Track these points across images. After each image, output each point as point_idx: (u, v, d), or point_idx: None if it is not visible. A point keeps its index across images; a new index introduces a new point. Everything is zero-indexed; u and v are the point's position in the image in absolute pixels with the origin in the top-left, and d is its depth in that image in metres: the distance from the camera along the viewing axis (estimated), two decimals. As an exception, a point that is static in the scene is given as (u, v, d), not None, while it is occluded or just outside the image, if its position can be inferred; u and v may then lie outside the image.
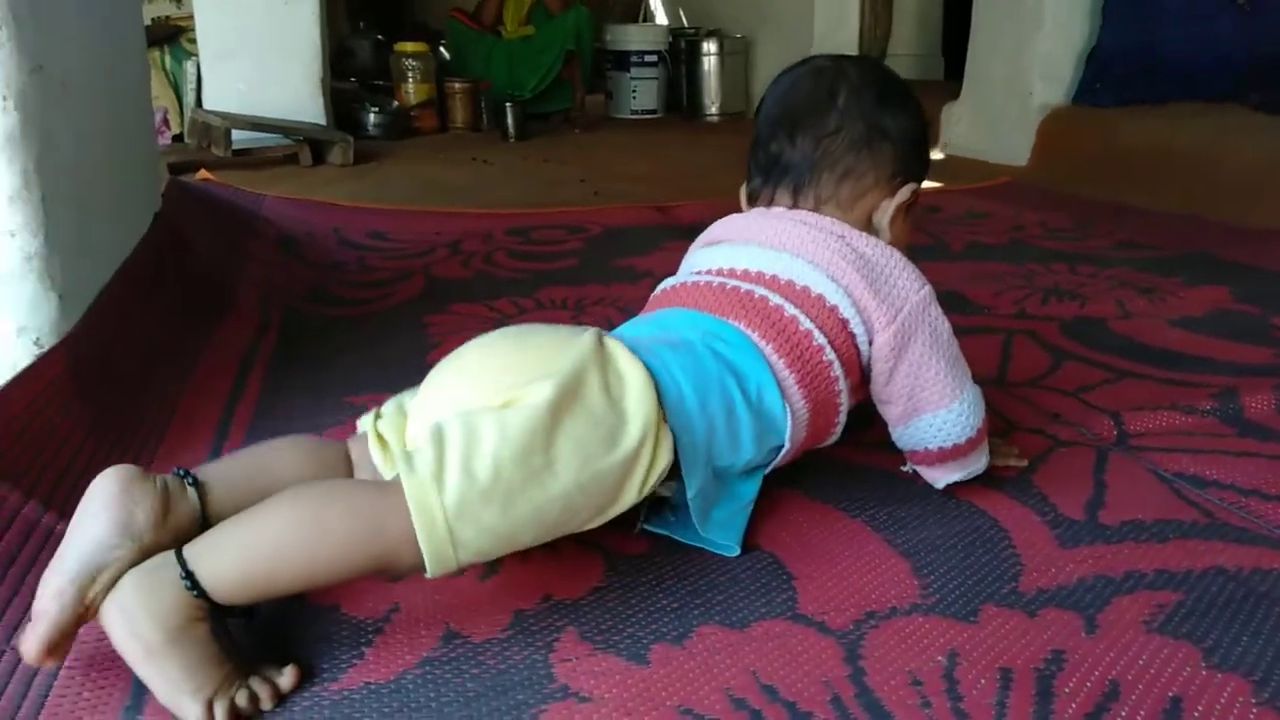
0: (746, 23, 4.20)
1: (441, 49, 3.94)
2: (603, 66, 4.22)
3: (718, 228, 0.90)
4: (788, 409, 0.78)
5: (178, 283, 1.16)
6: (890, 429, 0.87)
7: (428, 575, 0.63)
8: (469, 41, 3.82)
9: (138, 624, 0.58)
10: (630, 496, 0.69)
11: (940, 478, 0.86)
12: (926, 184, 0.91)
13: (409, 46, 3.60)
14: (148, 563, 0.60)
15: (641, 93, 4.18)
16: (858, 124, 0.86)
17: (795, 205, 0.87)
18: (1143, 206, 2.17)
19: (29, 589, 0.70)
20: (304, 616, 0.70)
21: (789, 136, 0.87)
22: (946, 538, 0.82)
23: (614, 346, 0.72)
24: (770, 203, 0.89)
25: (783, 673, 0.65)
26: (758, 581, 0.75)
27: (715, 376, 0.75)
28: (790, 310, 0.80)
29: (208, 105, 2.98)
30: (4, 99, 0.76)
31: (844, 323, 0.81)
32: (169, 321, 1.07)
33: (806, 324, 0.79)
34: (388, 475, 0.72)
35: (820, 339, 0.79)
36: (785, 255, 0.83)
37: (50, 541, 0.75)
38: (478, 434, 0.64)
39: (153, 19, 3.60)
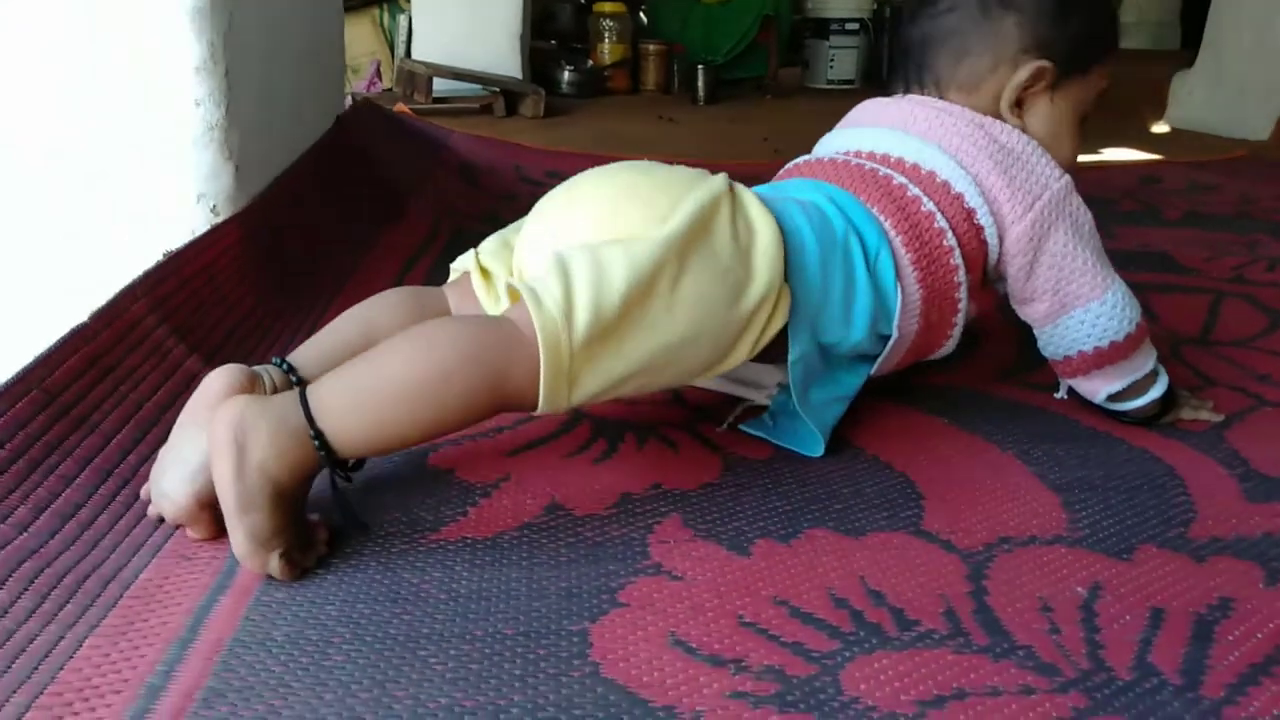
0: (959, -10, 3.97)
1: (641, 13, 3.96)
2: (801, 34, 4.11)
3: (854, 112, 0.85)
4: (899, 289, 0.72)
5: (352, 184, 1.21)
6: (1037, 335, 0.80)
7: (537, 412, 0.60)
8: (667, 5, 3.82)
9: (252, 474, 0.55)
10: (742, 353, 0.65)
11: (1101, 388, 0.78)
12: (1140, 155, 0.82)
13: (606, 7, 3.64)
14: (274, 409, 0.56)
15: (840, 61, 4.04)
16: None
17: (922, 94, 0.81)
18: None
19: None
20: (421, 476, 0.71)
21: (911, 18, 0.81)
22: (1108, 479, 0.73)
23: (745, 194, 0.67)
24: (904, 94, 0.82)
25: (894, 580, 0.59)
26: (883, 496, 0.70)
27: (840, 236, 0.70)
28: (913, 191, 0.74)
29: (415, 57, 3.14)
30: (195, -28, 0.82)
31: (970, 213, 0.74)
32: (340, 216, 1.13)
33: (929, 206, 0.73)
34: (491, 309, 0.71)
35: (942, 222, 0.73)
36: (915, 139, 0.77)
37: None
38: (605, 269, 0.59)
39: (377, -19, 3.83)
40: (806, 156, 0.84)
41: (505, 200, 1.73)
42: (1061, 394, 0.84)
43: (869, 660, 0.52)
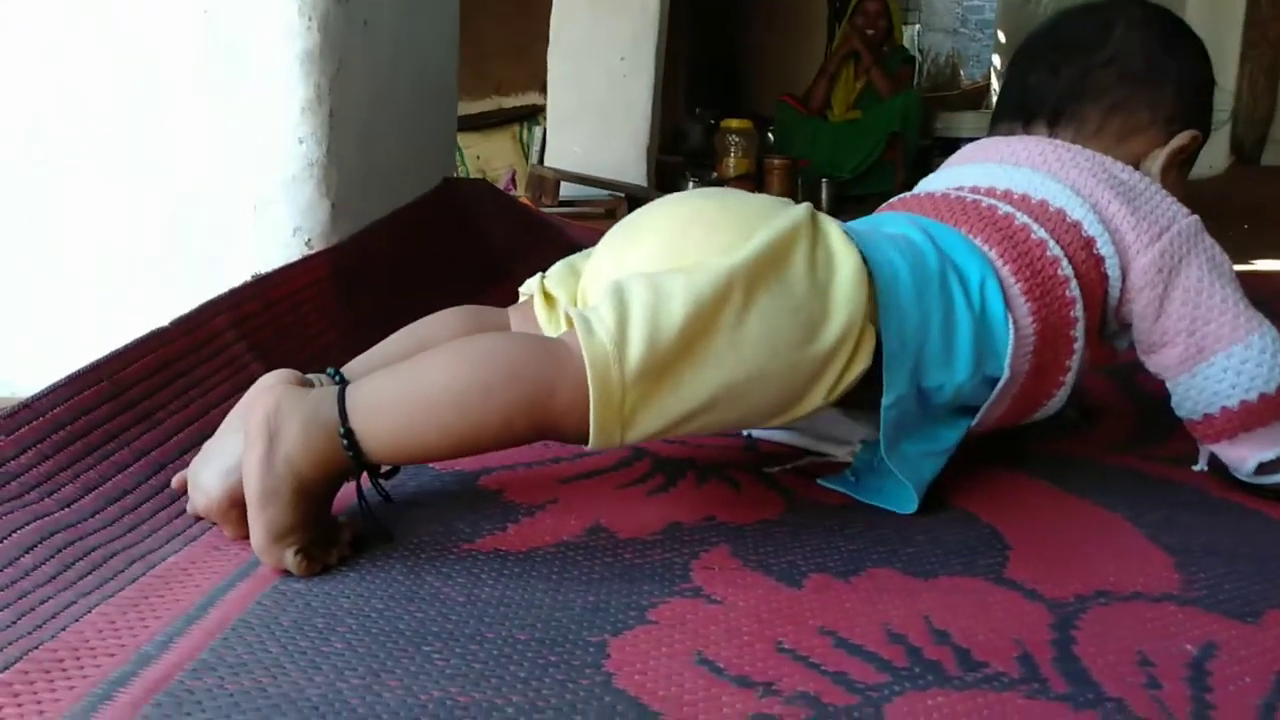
0: (1096, 111, 3.90)
1: (769, 133, 4.06)
2: (930, 155, 4.11)
3: (957, 155, 0.81)
4: (1010, 321, 0.65)
5: (453, 243, 1.25)
6: (1171, 390, 0.70)
7: (589, 447, 0.56)
8: (795, 124, 3.90)
9: (279, 464, 0.53)
10: (817, 399, 0.59)
11: (1249, 456, 0.67)
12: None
13: (733, 123, 3.74)
14: (309, 402, 0.55)
15: (969, 180, 4.01)
16: (1136, 57, 0.75)
17: (1050, 135, 0.76)
18: None
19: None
20: (468, 493, 0.69)
21: (1051, 67, 0.77)
22: (1236, 545, 0.63)
23: (828, 223, 0.62)
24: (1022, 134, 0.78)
25: (963, 622, 0.52)
26: (964, 545, 0.62)
27: (936, 269, 0.64)
28: (1021, 219, 0.68)
29: (548, 164, 3.29)
30: (309, 19, 0.87)
31: (1089, 242, 0.68)
32: (436, 268, 1.15)
33: (1040, 233, 0.67)
34: (551, 334, 0.68)
35: (1056, 251, 0.67)
36: (1024, 170, 0.72)
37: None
38: (664, 298, 0.55)
39: (521, 104, 4.09)
40: (918, 189, 0.80)
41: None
42: (1201, 465, 0.73)
43: (921, 696, 0.45)
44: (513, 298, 0.70)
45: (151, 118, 0.89)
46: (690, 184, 3.58)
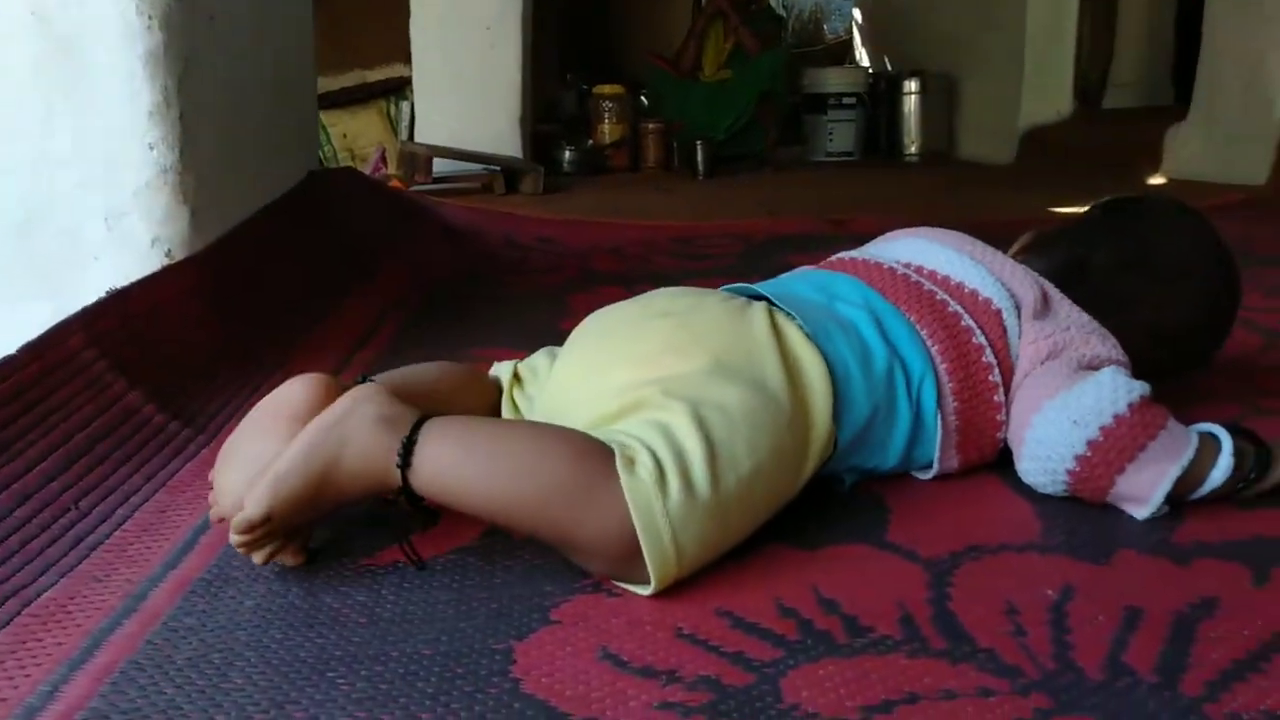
0: (952, 60, 4.04)
1: (642, 96, 4.05)
2: (799, 110, 4.19)
3: (933, 230, 0.81)
4: (939, 417, 0.68)
5: (320, 240, 1.21)
6: (1019, 465, 0.68)
7: (650, 591, 0.55)
8: (667, 86, 3.91)
9: (332, 438, 0.56)
10: (801, 483, 0.63)
11: (1154, 481, 0.62)
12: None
13: (606, 89, 3.72)
14: (390, 404, 0.58)
15: (838, 135, 4.10)
16: (1181, 316, 0.78)
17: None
18: None
19: (110, 464, 0.72)
20: (362, 509, 0.68)
21: (1121, 266, 0.78)
22: (1090, 489, 0.68)
23: (787, 328, 0.65)
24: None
25: (849, 589, 0.55)
26: (846, 509, 0.66)
27: (884, 369, 0.67)
28: (967, 321, 0.70)
29: (418, 140, 3.21)
30: (149, 18, 0.83)
31: (997, 314, 0.70)
32: (310, 268, 1.12)
33: (980, 338, 0.69)
34: (508, 409, 0.73)
35: (989, 357, 0.69)
36: (967, 260, 0.74)
37: (145, 428, 0.77)
38: (683, 447, 0.56)
39: (386, 77, 3.96)
40: (858, 253, 0.80)
41: (486, 259, 1.73)
42: (1144, 513, 0.64)
43: (813, 668, 0.48)
44: (384, 293, 0.70)
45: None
46: (566, 152, 3.56)
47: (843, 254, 0.82)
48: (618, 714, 0.45)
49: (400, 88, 3.88)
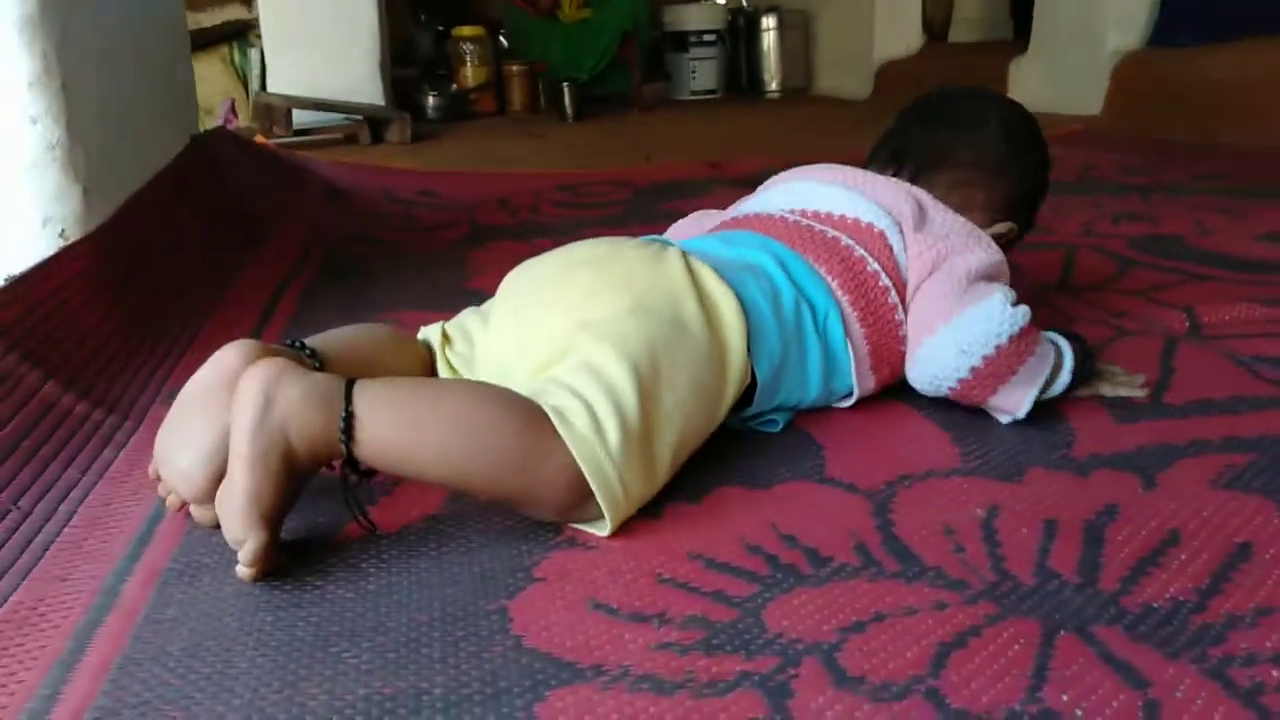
0: (806, -3, 4.13)
1: (500, 36, 3.96)
2: (661, 49, 4.20)
3: (787, 172, 0.88)
4: (849, 346, 0.74)
5: (212, 206, 1.16)
6: (908, 373, 0.76)
7: (606, 532, 0.59)
8: (526, 26, 3.84)
9: (273, 427, 0.55)
10: (722, 413, 0.68)
11: (1008, 402, 0.72)
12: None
13: (466, 31, 3.63)
14: (312, 377, 0.57)
15: (701, 73, 4.14)
16: (996, 149, 0.86)
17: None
18: (1229, 144, 2.04)
19: (40, 460, 0.70)
20: (315, 484, 0.68)
21: (931, 130, 0.88)
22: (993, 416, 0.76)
23: (701, 270, 0.70)
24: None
25: (803, 524, 0.60)
26: (783, 452, 0.71)
27: (792, 307, 0.72)
28: (859, 251, 0.76)
29: (271, 90, 3.05)
30: (22, -18, 0.77)
31: (882, 235, 0.76)
32: (204, 238, 1.08)
33: (874, 265, 0.76)
34: (444, 369, 0.74)
35: (885, 280, 0.75)
36: (845, 191, 0.81)
37: (69, 419, 0.75)
38: (614, 385, 0.60)
39: (222, 21, 3.71)
40: (751, 209, 0.85)
41: (375, 219, 1.69)
42: (1008, 417, 0.74)
43: (788, 599, 0.53)
44: (282, 256, 0.70)
45: None
46: (430, 98, 3.46)
47: (735, 212, 0.87)
48: (620, 658, 0.48)
49: (242, 32, 3.66)
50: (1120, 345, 0.90)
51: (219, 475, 0.58)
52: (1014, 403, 0.72)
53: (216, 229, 1.14)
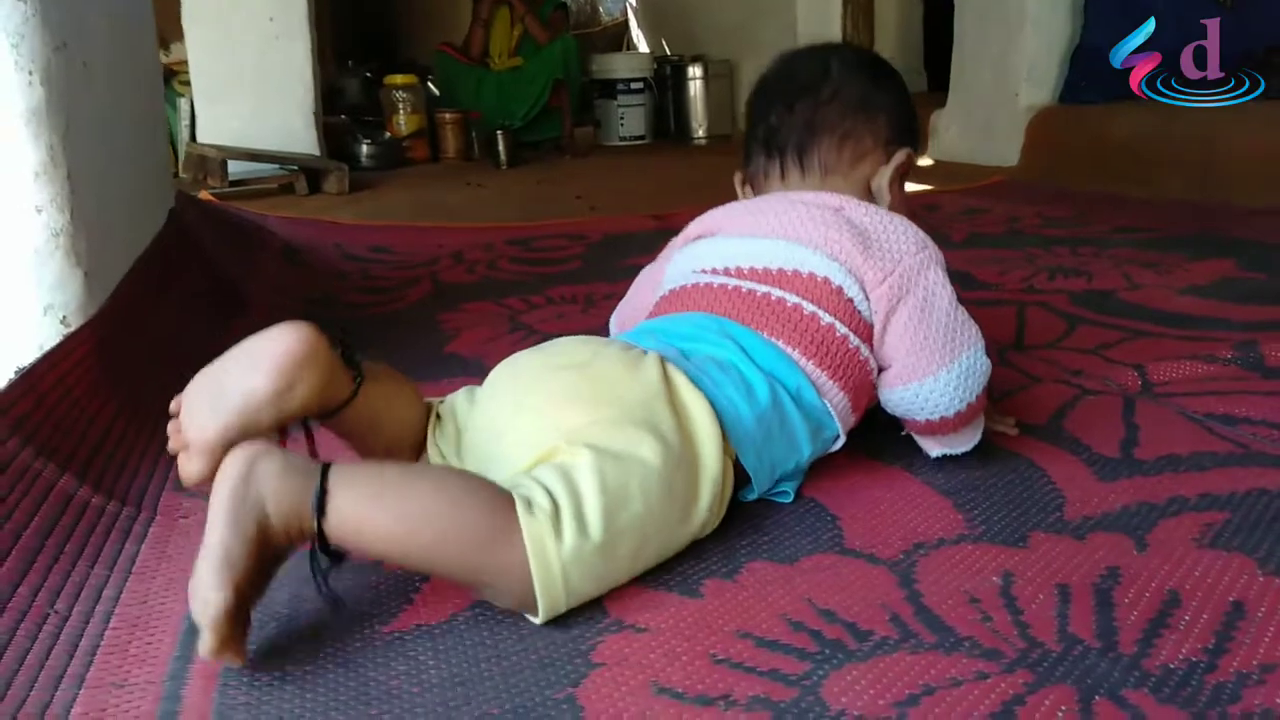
0: (729, 47, 4.27)
1: (430, 83, 3.98)
2: (590, 96, 4.27)
3: (713, 217, 0.88)
4: (827, 404, 0.78)
5: (193, 281, 1.15)
6: (879, 392, 0.82)
7: (538, 621, 0.62)
8: (457, 74, 3.86)
9: (252, 498, 0.57)
10: (696, 521, 0.69)
11: (931, 448, 0.84)
12: (918, 186, 0.92)
13: (398, 79, 3.64)
14: (290, 456, 0.60)
15: (629, 119, 4.23)
16: (852, 91, 0.88)
17: (803, 174, 0.88)
18: (1139, 196, 2.20)
19: (67, 558, 0.69)
20: (351, 570, 0.69)
21: (788, 106, 0.89)
22: (985, 477, 0.81)
23: (675, 375, 0.72)
24: (782, 177, 0.89)
25: (838, 598, 0.64)
26: (802, 523, 0.75)
27: (768, 397, 0.74)
28: (809, 308, 0.78)
29: (201, 140, 3.00)
30: (30, 74, 0.77)
31: (840, 291, 0.78)
32: (188, 312, 1.07)
33: (827, 319, 0.78)
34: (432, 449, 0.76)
35: (842, 329, 0.78)
36: (782, 243, 0.81)
37: (87, 513, 0.74)
38: (580, 493, 0.63)
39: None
40: (683, 278, 0.85)
41: (336, 278, 1.69)
42: (905, 433, 0.86)
43: (841, 674, 0.56)
44: (258, 319, 0.71)
45: None
46: (364, 146, 3.44)
47: (677, 281, 0.87)
48: (697, 743, 0.51)
49: (166, 79, 3.58)
50: (1085, 404, 0.97)
51: (230, 437, 0.61)
52: (952, 445, 0.82)
53: (198, 299, 1.13)
